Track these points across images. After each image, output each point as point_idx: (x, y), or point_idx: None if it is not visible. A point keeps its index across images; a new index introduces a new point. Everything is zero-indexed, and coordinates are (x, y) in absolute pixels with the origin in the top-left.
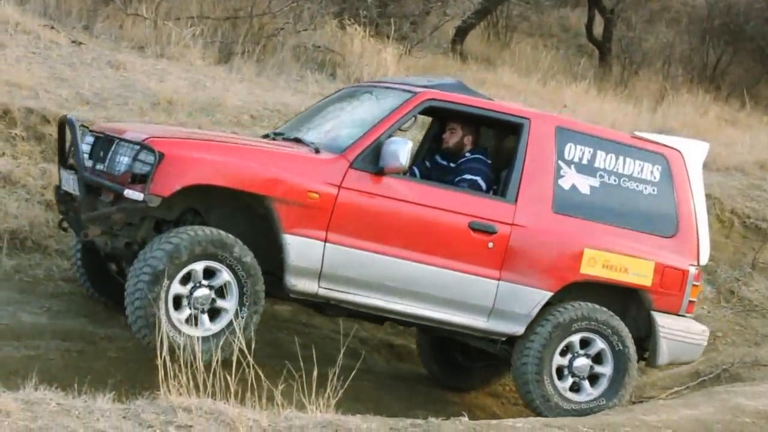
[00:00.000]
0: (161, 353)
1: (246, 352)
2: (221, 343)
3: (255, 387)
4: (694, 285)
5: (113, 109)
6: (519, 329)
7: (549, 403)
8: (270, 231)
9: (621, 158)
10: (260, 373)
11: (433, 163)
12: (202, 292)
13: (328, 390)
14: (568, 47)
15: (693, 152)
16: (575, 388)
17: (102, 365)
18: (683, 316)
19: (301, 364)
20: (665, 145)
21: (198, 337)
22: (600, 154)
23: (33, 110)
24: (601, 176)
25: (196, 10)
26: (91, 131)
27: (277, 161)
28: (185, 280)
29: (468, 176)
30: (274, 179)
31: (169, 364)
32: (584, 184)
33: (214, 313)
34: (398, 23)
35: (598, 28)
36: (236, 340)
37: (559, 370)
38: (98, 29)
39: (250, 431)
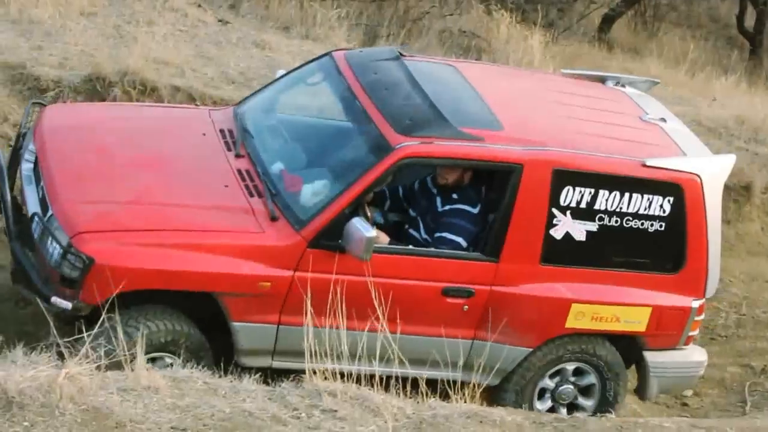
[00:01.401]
0: (307, 338)
1: (390, 339)
2: None
3: (399, 374)
4: (696, 320)
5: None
6: (494, 381)
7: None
8: None
9: (626, 195)
10: (405, 360)
11: (423, 187)
12: None
13: (473, 380)
14: (717, 39)
15: (715, 173)
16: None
17: None
18: (681, 349)
19: (447, 352)
20: (682, 172)
21: None
22: (602, 194)
23: (179, 88)
24: (601, 219)
25: None
26: (34, 137)
27: (225, 250)
28: None
29: (448, 236)
30: (219, 275)
31: (315, 348)
32: (580, 230)
33: None
34: (545, 10)
35: (750, 20)
36: (380, 328)
37: (542, 392)
38: (244, 8)
39: (395, 418)
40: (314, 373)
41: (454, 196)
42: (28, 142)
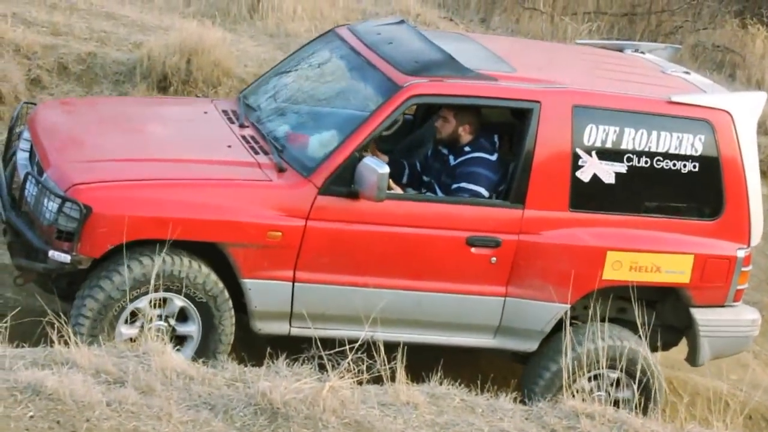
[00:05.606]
0: (565, 357)
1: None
2: None
3: (657, 398)
4: (743, 271)
5: None
6: (531, 346)
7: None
8: None
9: (654, 133)
10: (664, 384)
11: (435, 152)
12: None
13: (733, 406)
14: None
15: (746, 109)
16: None
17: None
18: (730, 306)
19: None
20: (711, 107)
21: None
22: (628, 132)
23: None
24: (630, 159)
25: (593, 5)
26: (29, 126)
27: (229, 198)
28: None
29: (467, 185)
30: (225, 223)
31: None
32: (608, 171)
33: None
34: None
35: None
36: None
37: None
38: (495, 22)
39: None
40: (572, 395)
41: (467, 149)
42: (22, 134)
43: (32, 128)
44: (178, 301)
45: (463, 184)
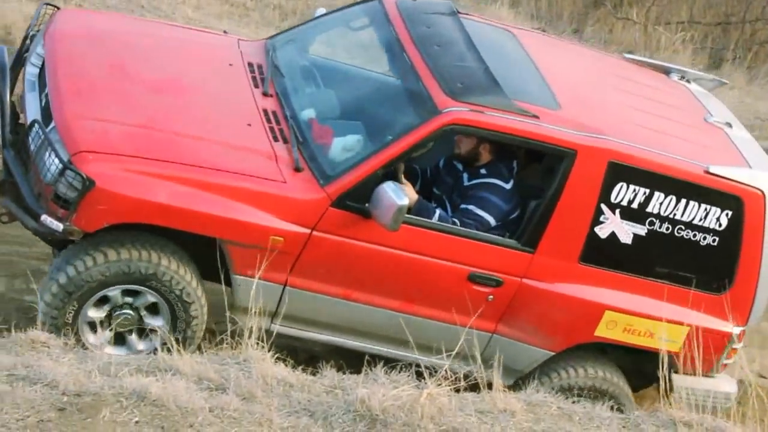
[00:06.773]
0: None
1: (746, 370)
2: None
3: (756, 407)
4: (734, 348)
5: None
6: (506, 381)
7: None
8: None
9: (683, 201)
10: (762, 394)
11: (448, 164)
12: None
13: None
14: None
15: None
16: None
17: None
18: (711, 377)
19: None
20: (745, 185)
21: None
22: (657, 196)
23: None
24: (652, 223)
25: (686, 14)
26: (45, 40)
27: (239, 194)
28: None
29: (475, 209)
30: (228, 220)
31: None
32: (627, 232)
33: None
34: None
35: None
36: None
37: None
38: (588, 32)
39: None
40: (669, 404)
41: (483, 171)
42: (36, 45)
43: (48, 45)
44: (145, 291)
45: (472, 207)
